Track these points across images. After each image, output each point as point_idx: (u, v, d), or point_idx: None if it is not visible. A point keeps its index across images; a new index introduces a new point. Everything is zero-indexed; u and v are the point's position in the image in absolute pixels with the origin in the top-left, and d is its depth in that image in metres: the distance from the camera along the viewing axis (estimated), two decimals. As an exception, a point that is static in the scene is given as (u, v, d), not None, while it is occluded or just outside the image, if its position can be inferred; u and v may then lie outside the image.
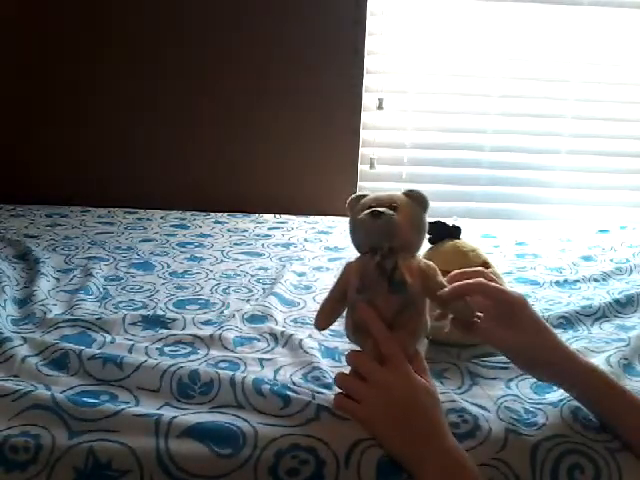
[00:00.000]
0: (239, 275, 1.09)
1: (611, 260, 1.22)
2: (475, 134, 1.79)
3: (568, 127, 1.78)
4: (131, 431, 0.59)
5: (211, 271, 1.11)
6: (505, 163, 1.81)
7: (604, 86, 1.75)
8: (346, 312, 0.66)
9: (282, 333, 0.82)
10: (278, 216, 1.61)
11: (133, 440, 0.58)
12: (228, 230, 1.44)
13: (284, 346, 0.79)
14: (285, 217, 1.60)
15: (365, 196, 0.69)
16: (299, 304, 0.97)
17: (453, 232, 0.89)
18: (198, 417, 0.61)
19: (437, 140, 1.80)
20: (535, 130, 1.78)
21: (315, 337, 0.81)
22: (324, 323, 0.68)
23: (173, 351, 0.76)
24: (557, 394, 0.69)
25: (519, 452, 0.61)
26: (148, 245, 1.27)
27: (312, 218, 1.60)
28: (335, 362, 0.76)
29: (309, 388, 0.67)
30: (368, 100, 1.73)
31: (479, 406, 0.67)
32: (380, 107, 1.73)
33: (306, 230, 1.47)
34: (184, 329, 0.84)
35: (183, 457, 0.57)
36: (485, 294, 0.66)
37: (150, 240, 1.31)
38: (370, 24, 1.67)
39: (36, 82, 1.67)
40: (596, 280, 1.11)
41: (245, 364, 0.73)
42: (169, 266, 1.13)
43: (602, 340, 0.84)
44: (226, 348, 0.78)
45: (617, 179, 1.84)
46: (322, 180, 1.76)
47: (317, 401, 0.64)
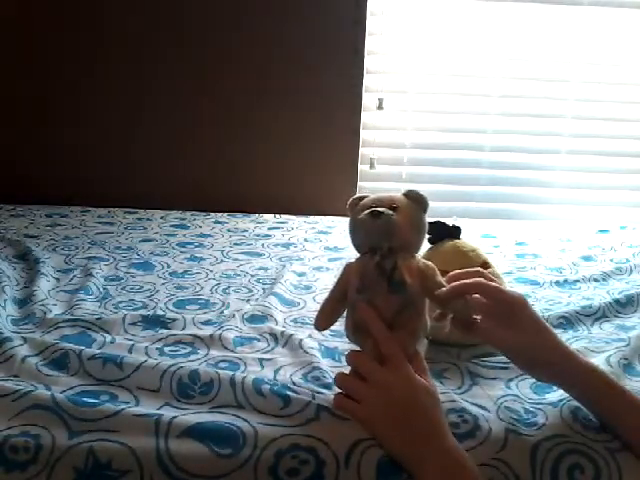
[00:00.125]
0: (239, 275, 1.09)
1: (611, 260, 1.22)
2: (475, 134, 1.78)
3: (568, 127, 1.78)
4: (131, 431, 0.59)
5: (211, 271, 1.11)
6: (505, 163, 1.81)
7: (604, 86, 1.75)
8: (346, 312, 0.67)
9: (282, 333, 0.82)
10: (278, 216, 1.61)
11: (133, 440, 0.58)
12: (228, 230, 1.44)
13: (284, 346, 0.79)
14: (285, 217, 1.60)
15: (365, 197, 0.69)
16: (299, 304, 0.97)
17: (453, 232, 0.89)
18: (198, 417, 0.61)
19: (437, 140, 1.80)
20: (535, 130, 1.78)
21: (315, 337, 0.81)
22: (324, 323, 0.68)
23: (173, 351, 0.76)
24: (557, 394, 0.69)
25: (519, 452, 0.61)
26: (148, 245, 1.27)
27: (312, 218, 1.59)
28: (335, 362, 0.76)
29: (309, 388, 0.67)
30: (368, 100, 1.73)
31: (479, 406, 0.67)
32: (380, 107, 1.73)
33: (306, 230, 1.47)
34: (184, 329, 0.84)
35: (183, 457, 0.57)
36: (484, 294, 0.66)
37: (150, 240, 1.31)
38: (370, 24, 1.67)
39: (36, 82, 1.67)
40: (596, 280, 1.11)
41: (245, 364, 0.73)
42: (169, 266, 1.13)
43: (602, 340, 0.84)
44: (226, 348, 0.78)
45: (617, 179, 1.84)
46: (322, 180, 1.75)
47: (317, 401, 0.64)
